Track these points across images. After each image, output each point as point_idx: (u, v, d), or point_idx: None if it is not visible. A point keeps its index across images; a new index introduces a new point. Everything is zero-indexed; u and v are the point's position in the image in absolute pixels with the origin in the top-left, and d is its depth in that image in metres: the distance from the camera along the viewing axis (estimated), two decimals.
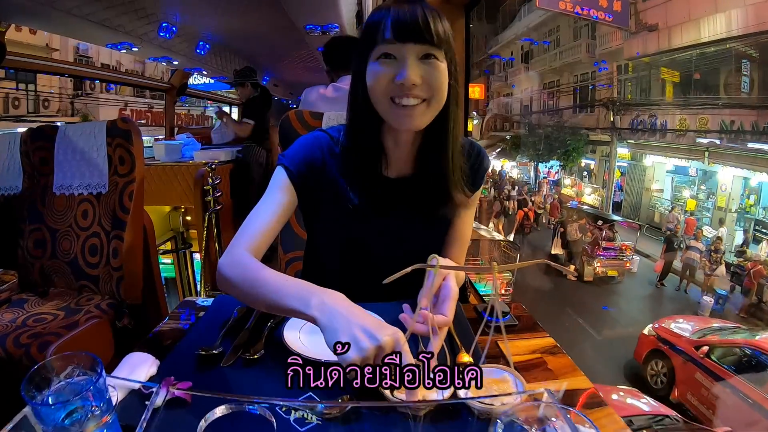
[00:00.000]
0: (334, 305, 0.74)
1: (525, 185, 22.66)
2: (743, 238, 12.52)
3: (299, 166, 1.02)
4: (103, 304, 1.61)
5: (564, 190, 20.80)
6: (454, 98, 0.97)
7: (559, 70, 22.01)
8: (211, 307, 1.04)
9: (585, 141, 19.59)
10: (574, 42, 20.74)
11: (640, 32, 15.96)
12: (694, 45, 13.64)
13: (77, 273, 1.73)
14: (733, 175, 13.15)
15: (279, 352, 0.84)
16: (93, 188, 1.75)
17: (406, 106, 0.90)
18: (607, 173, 18.74)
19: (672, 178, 16.32)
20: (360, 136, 1.00)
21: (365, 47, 0.92)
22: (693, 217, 14.35)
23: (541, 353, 0.95)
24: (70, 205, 1.78)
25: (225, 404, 0.58)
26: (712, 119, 13.18)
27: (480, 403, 0.67)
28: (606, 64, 19.33)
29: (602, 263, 11.14)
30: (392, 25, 0.88)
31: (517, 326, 1.06)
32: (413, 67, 0.88)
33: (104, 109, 17.10)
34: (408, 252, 0.92)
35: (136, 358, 0.77)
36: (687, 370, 6.11)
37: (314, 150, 1.04)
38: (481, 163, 1.14)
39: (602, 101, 17.90)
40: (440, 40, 0.90)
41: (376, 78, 0.90)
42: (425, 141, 1.01)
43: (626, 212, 17.07)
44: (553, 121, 21.60)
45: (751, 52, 12.19)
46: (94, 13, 3.23)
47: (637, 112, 16.48)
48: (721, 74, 13.32)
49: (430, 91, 0.91)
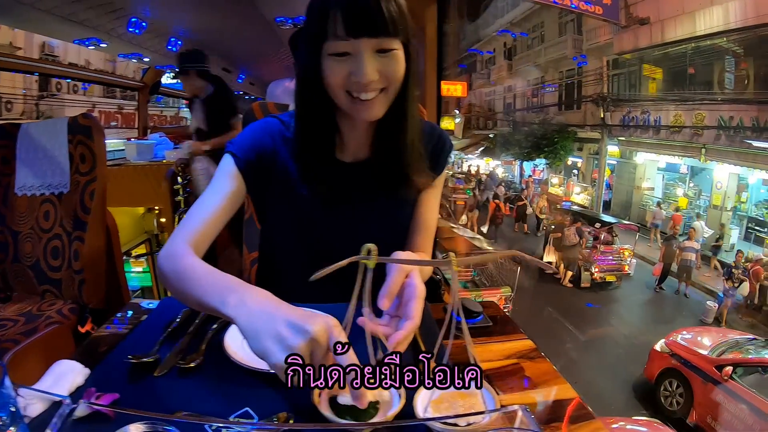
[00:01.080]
0: (255, 304, 0.67)
1: (511, 184, 22.87)
2: (737, 236, 12.66)
3: (247, 153, 0.98)
4: (64, 309, 1.58)
5: (551, 189, 20.65)
6: (413, 79, 0.94)
7: (544, 66, 22.07)
8: (155, 310, 0.99)
9: (573, 138, 19.53)
10: (560, 38, 20.77)
11: (631, 26, 15.92)
12: (690, 38, 13.59)
13: (40, 277, 1.70)
14: (729, 173, 13.10)
15: (220, 361, 0.78)
16: (55, 188, 1.71)
17: (365, 100, 0.87)
18: (596, 171, 18.69)
19: (663, 175, 16.35)
20: (312, 120, 0.96)
21: (314, 39, 0.87)
22: (679, 213, 14.33)
23: (518, 358, 0.88)
24: (32, 206, 1.74)
25: (138, 422, 0.51)
26: (709, 115, 13.09)
27: (441, 425, 0.58)
28: (585, 59, 19.46)
29: (600, 268, 10.85)
30: (344, 18, 0.82)
31: (490, 328, 1.00)
32: (370, 62, 0.85)
33: (71, 111, 16.11)
34: (370, 243, 0.90)
35: (63, 366, 0.72)
36: (707, 391, 5.66)
37: (264, 136, 1.01)
38: (443, 146, 1.12)
39: (592, 97, 17.83)
40: (396, 29, 0.85)
41: (332, 74, 0.87)
42: (383, 123, 0.97)
43: (616, 211, 17.03)
44: (539, 118, 21.62)
45: (747, 47, 12.19)
46: (58, 7, 3.17)
47: (629, 108, 16.42)
48: (716, 69, 13.33)
49: (388, 81, 0.88)
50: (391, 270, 0.75)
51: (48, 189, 1.72)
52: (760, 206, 12.78)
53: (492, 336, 0.97)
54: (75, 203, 1.65)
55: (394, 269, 0.75)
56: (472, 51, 28.55)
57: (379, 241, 0.84)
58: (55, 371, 0.71)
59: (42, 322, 1.50)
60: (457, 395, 0.66)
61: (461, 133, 24.22)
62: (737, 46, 12.37)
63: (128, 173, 3.45)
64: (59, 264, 1.65)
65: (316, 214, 1.03)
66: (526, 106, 24.27)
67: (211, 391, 0.71)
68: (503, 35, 25.87)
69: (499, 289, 6.52)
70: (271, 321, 0.62)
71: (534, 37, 23.21)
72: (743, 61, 12.50)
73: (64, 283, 1.65)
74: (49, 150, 1.72)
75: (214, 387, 0.72)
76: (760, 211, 12.75)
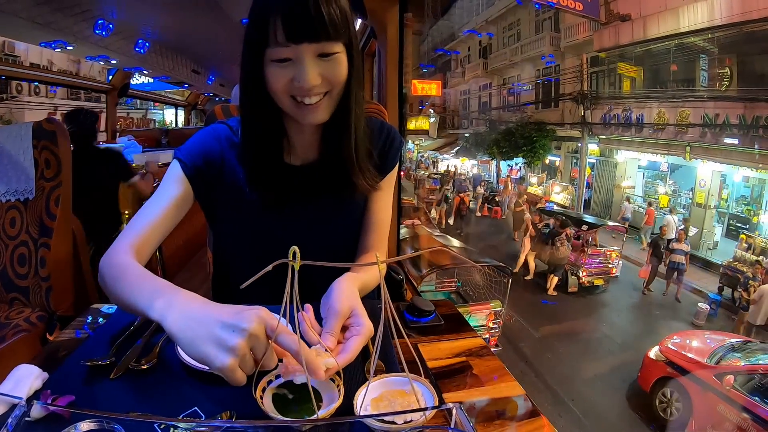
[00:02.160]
0: (182, 307, 0.67)
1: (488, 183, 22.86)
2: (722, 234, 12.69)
3: (194, 159, 0.99)
4: (32, 317, 1.58)
5: (530, 188, 20.52)
6: (356, 81, 0.95)
7: (520, 64, 22.16)
8: (114, 315, 1.00)
9: (552, 137, 19.53)
10: (536, 35, 20.88)
11: (611, 22, 15.90)
12: (673, 35, 13.52)
13: (7, 285, 1.69)
14: (713, 171, 13.09)
15: (173, 363, 0.80)
16: (20, 194, 1.71)
17: (309, 104, 0.89)
18: (576, 170, 18.64)
19: (644, 173, 16.38)
20: (259, 124, 0.97)
21: (256, 45, 0.88)
22: (652, 208, 14.52)
23: (467, 356, 0.89)
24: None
25: (88, 420, 0.54)
26: (694, 112, 13.01)
27: (379, 422, 0.59)
28: (554, 58, 19.54)
29: (588, 272, 10.50)
30: (284, 24, 0.82)
31: (441, 326, 1.01)
32: (311, 67, 0.85)
33: (31, 114, 15.80)
34: (323, 246, 0.91)
35: (22, 371, 0.74)
36: (707, 401, 5.46)
37: (211, 141, 1.02)
38: (392, 144, 1.13)
39: (572, 95, 17.81)
40: (337, 32, 0.86)
41: (275, 80, 0.88)
42: (329, 125, 0.98)
43: (596, 210, 17.03)
44: (515, 116, 21.65)
45: (732, 43, 12.17)
46: (24, 10, 3.14)
47: (610, 105, 16.35)
48: (700, 66, 13.30)
49: (331, 84, 0.89)
50: (330, 313, 0.77)
51: (14, 195, 1.72)
52: (740, 202, 12.90)
53: (443, 334, 0.98)
54: (40, 209, 1.65)
55: (331, 312, 0.77)
56: (440, 51, 28.71)
57: (330, 241, 0.86)
58: (14, 375, 0.73)
59: (9, 330, 1.50)
60: (397, 393, 0.69)
61: (436, 132, 24.14)
62: (722, 43, 12.37)
63: None
64: (26, 271, 1.65)
65: (265, 218, 1.04)
66: (502, 105, 24.29)
67: (163, 392, 0.74)
68: (470, 35, 26.07)
69: (489, 304, 6.28)
70: (204, 325, 0.62)
71: (510, 35, 23.34)
72: (728, 57, 12.50)
73: (31, 290, 1.65)
74: (13, 156, 1.71)
75: (166, 388, 0.75)
76: (740, 207, 12.85)
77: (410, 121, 21.68)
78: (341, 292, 0.80)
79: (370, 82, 3.40)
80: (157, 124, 18.02)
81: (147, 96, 8.38)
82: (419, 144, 28.35)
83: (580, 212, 15.14)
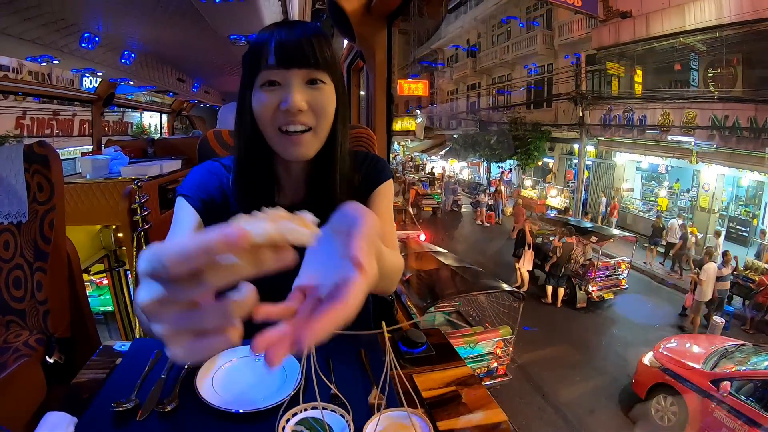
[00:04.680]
0: None
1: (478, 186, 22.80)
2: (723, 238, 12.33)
3: (198, 192, 1.04)
4: (31, 341, 1.63)
5: (525, 192, 20.38)
6: (341, 120, 1.01)
7: (511, 63, 22.15)
8: (128, 353, 1.06)
9: (547, 138, 19.44)
10: (528, 33, 20.90)
11: (610, 20, 15.77)
12: (678, 33, 13.27)
13: (3, 308, 1.73)
14: (717, 174, 12.91)
15: (194, 403, 0.86)
16: (13, 217, 1.75)
17: (294, 133, 0.94)
18: (570, 172, 18.63)
19: (641, 175, 16.33)
20: (251, 168, 1.03)
21: (249, 73, 0.95)
22: (615, 202, 15.06)
23: (456, 385, 0.97)
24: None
25: None
26: (701, 114, 12.72)
27: None
28: (536, 66, 19.64)
29: (598, 286, 9.91)
30: (275, 50, 0.90)
31: (432, 357, 1.08)
32: (298, 92, 0.92)
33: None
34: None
35: (53, 419, 0.79)
36: (704, 408, 5.48)
37: (209, 176, 1.08)
38: (377, 163, 1.17)
39: (569, 95, 17.61)
40: (326, 63, 0.93)
41: (262, 106, 0.93)
42: (314, 167, 1.04)
43: (592, 214, 16.80)
44: (507, 116, 21.50)
45: (742, 42, 11.84)
46: (10, 27, 3.19)
47: (610, 106, 16.19)
48: (706, 66, 13.15)
49: (316, 118, 0.95)
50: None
51: (6, 218, 1.76)
52: (737, 203, 12.89)
53: (434, 364, 1.06)
54: (34, 233, 1.70)
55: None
56: (425, 63, 28.76)
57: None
58: (47, 423, 0.79)
59: (10, 356, 1.54)
60: (399, 427, 0.77)
61: (422, 134, 23.92)
62: (730, 41, 12.10)
63: (83, 190, 3.43)
64: (22, 294, 1.70)
65: None
66: (492, 105, 24.27)
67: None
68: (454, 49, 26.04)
69: (497, 331, 6.12)
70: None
71: (500, 33, 23.32)
72: (736, 57, 12.39)
73: (28, 313, 1.70)
74: (5, 178, 1.75)
75: (190, 428, 0.81)
76: (737, 208, 12.83)
77: (396, 121, 21.53)
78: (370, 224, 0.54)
79: (357, 98, 3.46)
80: (134, 127, 17.66)
81: (131, 104, 8.37)
82: (405, 145, 28.20)
83: (578, 218, 14.96)
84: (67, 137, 13.09)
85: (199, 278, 0.38)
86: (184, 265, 0.37)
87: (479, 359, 5.91)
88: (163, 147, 4.94)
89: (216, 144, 1.44)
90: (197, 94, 7.24)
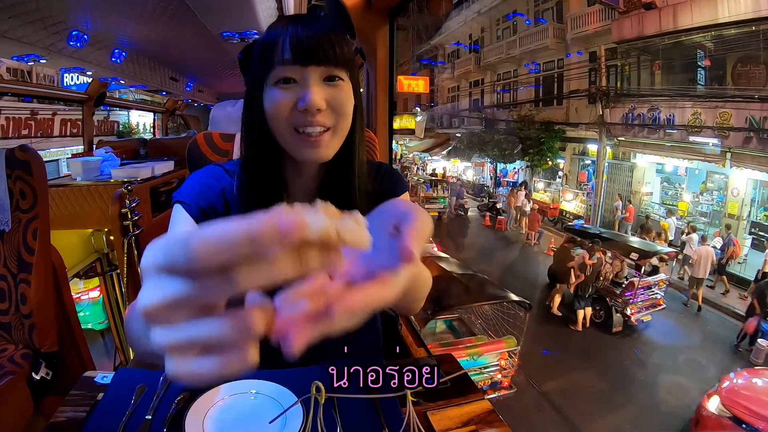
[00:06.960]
0: None
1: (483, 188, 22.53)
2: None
3: (196, 199, 0.99)
4: (16, 356, 1.60)
5: (536, 195, 19.60)
6: (360, 122, 0.97)
7: (518, 59, 21.79)
8: (111, 387, 1.00)
9: (560, 137, 18.64)
10: (536, 27, 20.45)
11: (631, 11, 14.96)
12: (710, 26, 12.43)
13: None
14: (748, 178, 12.23)
15: None
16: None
17: (311, 135, 0.89)
18: (583, 174, 17.94)
19: (660, 178, 15.75)
20: (258, 172, 0.98)
21: (260, 70, 0.90)
22: (631, 205, 14.59)
23: (476, 423, 0.90)
24: None
25: None
26: (736, 114, 11.84)
27: None
28: (536, 66, 19.40)
29: (637, 308, 8.96)
30: (291, 45, 0.86)
31: (448, 389, 1.01)
32: (317, 90, 0.87)
33: None
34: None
35: None
36: None
37: (209, 181, 1.03)
38: (392, 174, 1.14)
39: (588, 91, 16.82)
40: (345, 60, 0.89)
41: (276, 105, 0.88)
42: (329, 170, 1.00)
43: (607, 218, 16.23)
44: (516, 114, 20.99)
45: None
46: None
47: (633, 104, 15.22)
48: (730, 62, 12.46)
49: (336, 117, 0.91)
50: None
51: None
52: (758, 206, 12.35)
53: (450, 399, 0.99)
54: (18, 243, 1.66)
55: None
56: (425, 61, 28.71)
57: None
58: None
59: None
60: None
61: (423, 132, 23.59)
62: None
63: (73, 193, 3.41)
64: (7, 307, 1.67)
65: None
66: (496, 103, 23.81)
67: None
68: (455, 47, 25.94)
69: (502, 342, 5.91)
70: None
71: (506, 27, 23.10)
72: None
73: (13, 326, 1.66)
74: None
75: None
76: (758, 210, 12.31)
77: (395, 120, 21.23)
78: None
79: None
80: (121, 126, 17.60)
81: (122, 104, 8.37)
82: (404, 144, 27.96)
83: (597, 225, 14.44)
84: (47, 138, 12.53)
85: (227, 275, 0.32)
86: (221, 254, 0.31)
87: (482, 371, 5.77)
88: (156, 148, 4.91)
89: (206, 147, 1.40)
90: (191, 93, 7.21)
